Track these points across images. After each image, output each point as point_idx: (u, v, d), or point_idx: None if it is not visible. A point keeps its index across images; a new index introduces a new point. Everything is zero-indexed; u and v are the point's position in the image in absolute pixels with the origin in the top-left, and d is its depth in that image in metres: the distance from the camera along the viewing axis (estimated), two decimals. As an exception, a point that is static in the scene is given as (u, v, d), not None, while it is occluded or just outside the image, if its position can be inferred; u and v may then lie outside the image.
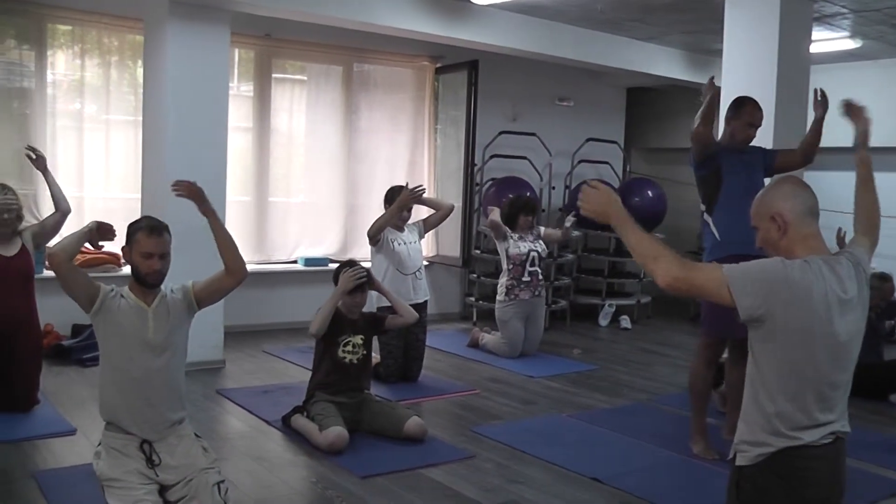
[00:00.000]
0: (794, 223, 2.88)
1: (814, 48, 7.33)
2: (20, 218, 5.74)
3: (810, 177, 3.76)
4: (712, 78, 5.32)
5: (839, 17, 7.73)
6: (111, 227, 4.15)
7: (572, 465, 5.08)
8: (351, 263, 5.75)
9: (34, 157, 6.09)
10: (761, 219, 2.95)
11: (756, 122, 5.28)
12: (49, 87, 7.79)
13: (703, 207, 5.34)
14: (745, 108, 5.28)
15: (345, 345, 5.55)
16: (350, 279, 5.56)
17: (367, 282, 5.67)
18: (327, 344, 5.55)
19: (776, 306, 2.73)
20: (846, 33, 8.47)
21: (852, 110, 3.78)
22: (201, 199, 4.19)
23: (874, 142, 3.55)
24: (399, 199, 6.94)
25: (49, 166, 7.32)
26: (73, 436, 5.28)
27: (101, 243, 4.19)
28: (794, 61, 6.66)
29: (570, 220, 8.27)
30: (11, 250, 5.63)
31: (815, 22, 7.38)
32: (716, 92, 5.15)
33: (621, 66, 9.65)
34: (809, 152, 5.44)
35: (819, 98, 5.33)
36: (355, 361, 5.57)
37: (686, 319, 10.52)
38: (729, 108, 5.37)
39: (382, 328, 5.97)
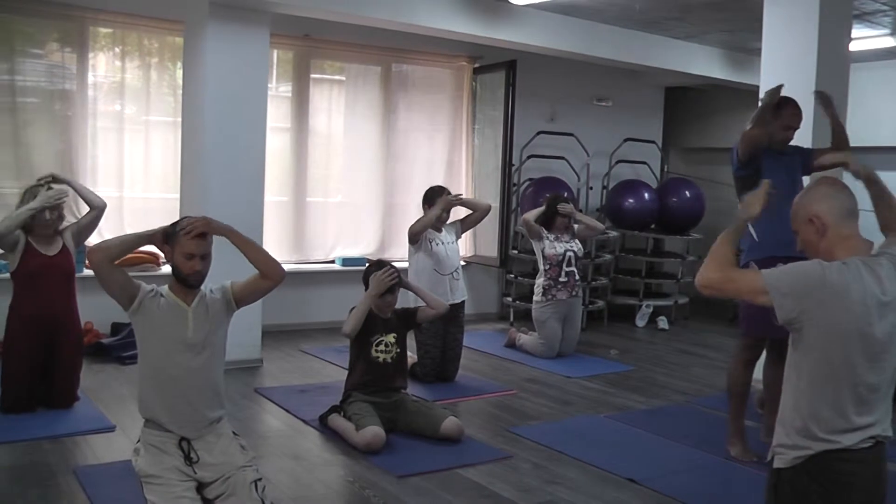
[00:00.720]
0: (832, 225, 2.86)
1: (853, 46, 7.26)
2: (62, 217, 5.80)
3: (848, 177, 3.71)
4: (782, 86, 5.22)
5: (879, 14, 7.65)
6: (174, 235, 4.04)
7: (609, 465, 5.07)
8: (380, 264, 5.75)
9: (44, 184, 5.94)
10: (800, 222, 2.94)
11: (794, 125, 5.24)
12: (90, 89, 7.86)
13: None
14: (786, 111, 5.22)
15: (377, 344, 5.56)
16: (382, 282, 5.56)
17: (398, 282, 5.68)
18: (360, 344, 5.57)
19: (814, 308, 2.72)
20: (887, 31, 8.38)
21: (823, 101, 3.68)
22: (209, 227, 4.02)
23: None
24: (440, 202, 6.95)
25: (89, 167, 7.45)
26: (112, 432, 5.35)
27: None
28: (833, 59, 6.60)
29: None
30: (53, 249, 5.69)
31: (855, 19, 7.32)
32: (777, 98, 5.10)
33: (659, 66, 9.60)
34: (840, 149, 5.33)
35: (821, 101, 5.23)
36: (389, 360, 5.58)
37: (724, 320, 10.45)
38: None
39: (415, 322, 5.98)
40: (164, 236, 4.04)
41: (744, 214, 3.06)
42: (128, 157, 8.10)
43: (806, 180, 5.39)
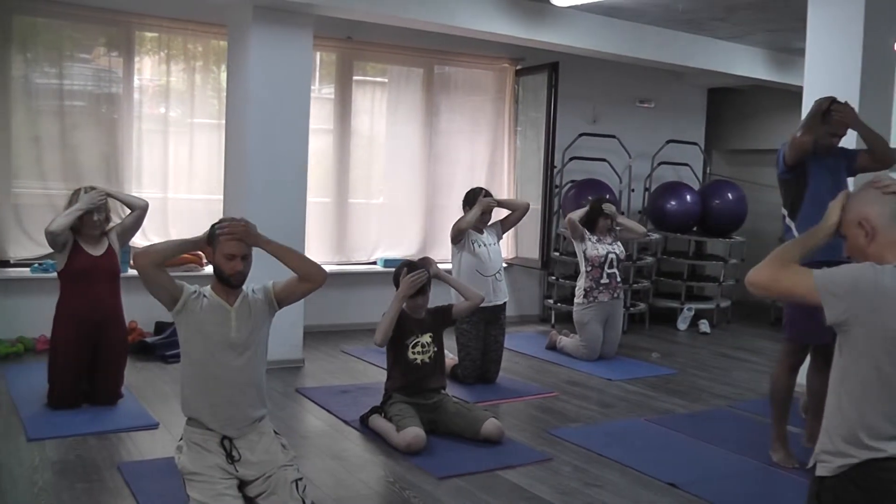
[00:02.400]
0: (881, 228, 2.83)
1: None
2: (108, 219, 5.89)
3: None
4: (833, 98, 5.14)
5: (927, 14, 7.56)
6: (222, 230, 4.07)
7: (650, 469, 5.05)
8: (410, 265, 5.73)
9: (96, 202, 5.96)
10: (849, 226, 2.91)
11: (840, 133, 5.15)
12: (136, 92, 7.96)
13: (784, 211, 5.25)
14: (833, 117, 5.14)
15: (413, 346, 5.57)
16: (411, 285, 5.55)
17: (428, 284, 5.68)
18: (396, 347, 5.58)
19: (864, 311, 2.69)
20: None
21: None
22: (248, 236, 4.06)
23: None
24: (480, 203, 6.99)
25: (134, 168, 7.56)
26: (155, 429, 5.41)
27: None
28: (879, 59, 6.53)
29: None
30: (99, 250, 5.77)
31: (901, 19, 7.24)
32: (829, 104, 5.04)
33: (702, 66, 9.55)
34: (876, 154, 5.22)
35: (838, 114, 5.13)
36: (427, 360, 5.59)
37: (766, 324, 10.37)
38: (817, 107, 5.24)
39: (451, 319, 5.97)
40: (209, 239, 4.08)
41: (826, 223, 2.99)
42: (172, 159, 8.18)
43: (850, 182, 5.36)
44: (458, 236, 6.97)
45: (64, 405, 5.66)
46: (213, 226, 4.10)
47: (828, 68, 6.56)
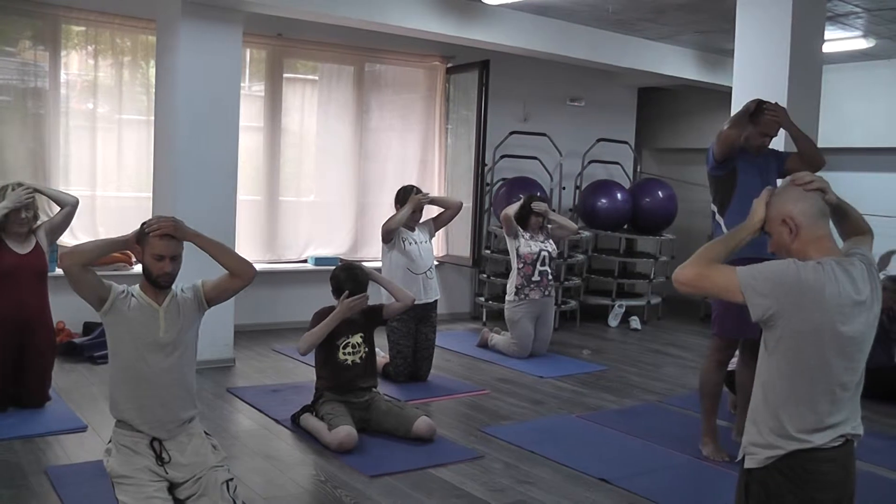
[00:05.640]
0: (805, 226, 2.87)
1: (826, 48, 7.30)
2: (36, 216, 5.78)
3: (826, 177, 3.71)
4: (760, 101, 5.21)
5: (852, 16, 7.70)
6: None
7: (581, 465, 5.08)
8: (350, 276, 5.66)
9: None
10: (773, 222, 2.95)
11: (771, 133, 5.22)
12: (63, 87, 7.82)
13: (714, 208, 5.32)
14: (764, 118, 5.20)
15: (344, 346, 5.56)
16: (350, 308, 5.51)
17: (365, 286, 5.66)
18: (326, 348, 5.55)
19: (788, 307, 2.73)
20: (859, 32, 8.44)
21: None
22: (177, 231, 3.99)
23: (886, 142, 3.48)
24: (411, 200, 6.97)
25: (62, 165, 7.42)
26: (84, 432, 5.32)
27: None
28: (806, 61, 6.63)
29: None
30: (26, 248, 5.66)
31: (828, 21, 7.36)
32: (757, 104, 5.11)
33: (632, 66, 9.63)
34: (807, 160, 5.29)
35: (771, 117, 5.21)
36: (357, 361, 5.57)
37: (696, 320, 10.51)
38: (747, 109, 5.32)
39: (381, 319, 5.96)
40: (138, 238, 4.02)
41: (751, 221, 3.01)
42: (100, 156, 8.06)
43: (779, 183, 5.43)
44: (389, 235, 6.96)
45: (-11, 408, 5.54)
46: (142, 225, 4.04)
47: (756, 69, 6.64)
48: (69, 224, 6.08)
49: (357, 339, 5.61)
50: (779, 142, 5.74)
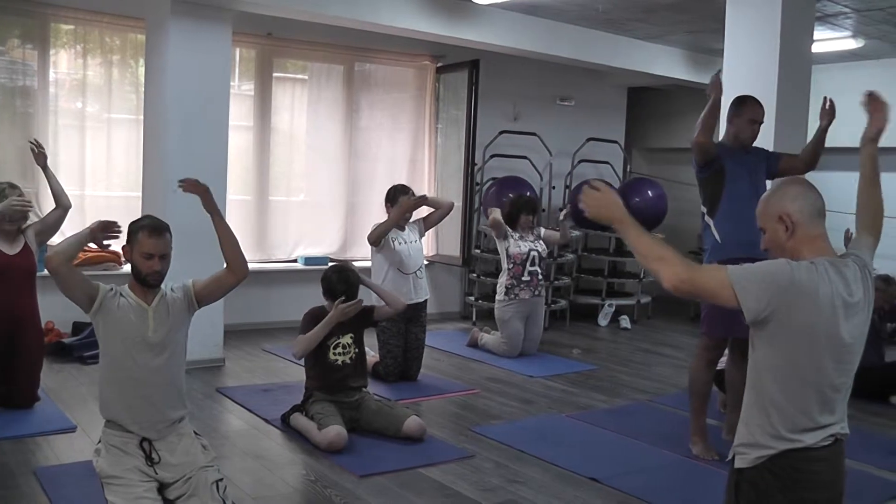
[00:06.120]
0: (802, 224, 2.86)
1: (815, 48, 7.32)
2: (26, 217, 5.76)
3: (814, 177, 3.73)
4: (719, 72, 5.28)
5: (841, 16, 7.72)
6: (113, 223, 4.05)
7: (571, 465, 5.08)
8: (342, 278, 5.66)
9: (37, 151, 6.07)
10: (769, 220, 2.93)
11: (758, 119, 5.28)
12: (52, 86, 7.80)
13: (704, 209, 5.33)
14: (746, 106, 5.27)
15: (335, 347, 5.55)
16: (342, 313, 5.49)
17: (356, 290, 5.65)
18: (317, 348, 5.53)
19: (781, 307, 2.72)
20: (848, 33, 8.47)
21: (874, 103, 3.60)
22: (207, 196, 4.14)
23: (879, 143, 3.48)
24: (402, 205, 6.94)
25: (51, 164, 7.35)
26: (73, 433, 5.31)
27: (106, 242, 4.09)
28: (795, 61, 6.65)
29: (563, 213, 8.31)
30: (15, 248, 5.65)
31: (818, 21, 7.38)
32: (718, 97, 5.12)
33: (622, 66, 9.65)
34: (812, 160, 5.41)
35: (827, 107, 5.32)
36: (348, 361, 5.57)
37: (686, 319, 10.52)
38: (730, 108, 5.36)
39: (371, 321, 5.95)
40: (102, 227, 4.00)
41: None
42: (89, 155, 8.04)
43: (768, 184, 5.45)
44: (378, 241, 6.92)
45: (-23, 409, 5.52)
46: (133, 222, 4.04)
47: (746, 69, 6.65)
48: (60, 227, 6.07)
49: (347, 339, 5.60)
50: (767, 142, 5.77)
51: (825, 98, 5.37)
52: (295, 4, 7.24)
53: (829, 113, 5.30)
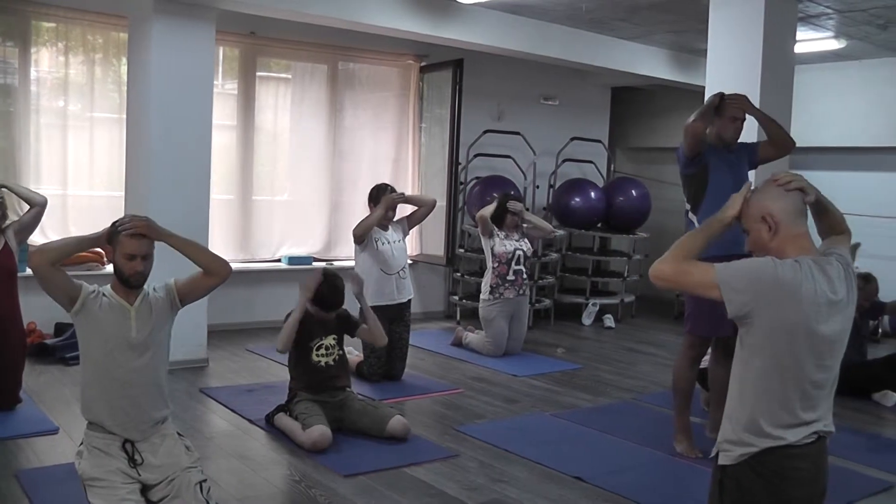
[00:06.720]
0: (784, 223, 2.88)
1: (798, 48, 7.35)
2: (5, 216, 5.71)
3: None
4: (722, 94, 5.28)
5: (824, 17, 7.75)
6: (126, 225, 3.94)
7: (556, 464, 5.09)
8: (331, 283, 5.63)
9: None
10: (752, 220, 2.95)
11: (739, 116, 5.30)
12: (33, 85, 7.76)
13: (687, 206, 5.35)
14: (727, 104, 5.30)
15: (318, 348, 5.55)
16: (308, 288, 5.53)
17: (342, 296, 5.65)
18: (300, 349, 5.55)
19: (765, 305, 2.73)
20: (831, 33, 8.50)
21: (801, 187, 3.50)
22: (151, 230, 3.96)
23: (858, 142, 3.51)
24: (384, 200, 6.94)
25: (32, 164, 7.34)
26: (55, 435, 5.27)
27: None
28: (778, 61, 6.68)
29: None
30: (-6, 248, 5.60)
31: (800, 22, 7.41)
32: (720, 97, 5.16)
33: (606, 66, 9.65)
34: (777, 142, 5.43)
35: (734, 103, 5.28)
36: (331, 363, 5.57)
37: (669, 318, 10.55)
38: None
39: (353, 333, 5.93)
40: (109, 237, 3.97)
41: (725, 213, 3.02)
42: (72, 154, 8.00)
43: (752, 175, 5.48)
44: (360, 238, 6.93)
45: (-42, 410, 5.49)
46: (114, 224, 4.00)
47: (729, 69, 6.68)
48: (38, 223, 6.02)
49: (330, 340, 5.60)
50: (751, 135, 5.79)
51: (721, 95, 5.32)
52: (279, 3, 7.22)
53: (736, 104, 5.27)
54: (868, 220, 8.97)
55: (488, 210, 8.18)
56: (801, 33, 7.73)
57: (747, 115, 5.35)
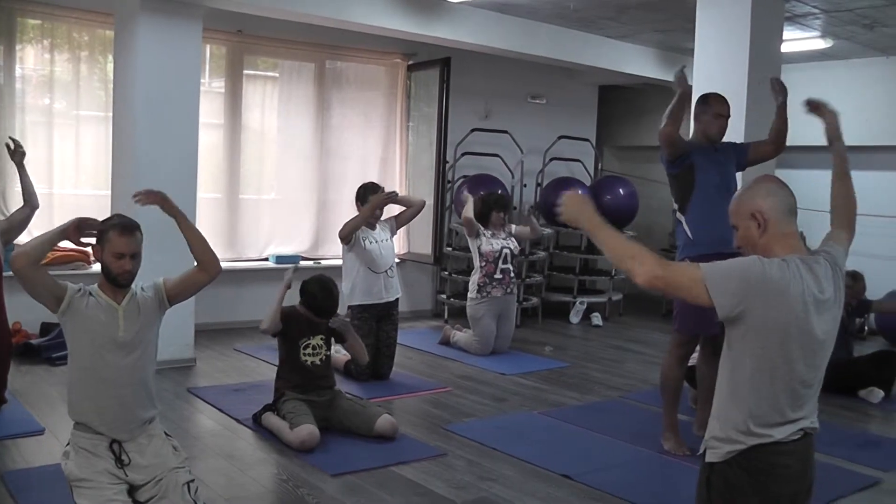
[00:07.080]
0: (774, 221, 2.88)
1: (785, 48, 7.36)
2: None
3: (783, 175, 3.75)
4: (683, 68, 5.29)
5: (810, 17, 7.77)
6: (89, 220, 3.94)
7: (543, 462, 5.09)
8: (322, 288, 5.65)
9: (13, 147, 5.96)
10: (741, 217, 2.94)
11: (724, 113, 5.31)
12: (18, 82, 7.72)
13: (675, 206, 5.35)
14: (711, 101, 5.32)
15: (305, 347, 5.54)
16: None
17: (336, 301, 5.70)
18: (287, 348, 5.55)
19: (753, 305, 2.73)
20: (817, 33, 8.53)
21: (815, 107, 3.74)
22: (166, 202, 4.09)
23: (847, 141, 3.53)
24: (372, 201, 6.93)
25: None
26: (41, 435, 5.25)
27: (85, 240, 3.97)
28: (765, 60, 6.69)
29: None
30: (-21, 247, 5.57)
31: (787, 21, 7.43)
32: (685, 91, 5.15)
33: (594, 64, 9.66)
34: (779, 140, 5.44)
35: (776, 87, 5.31)
36: (318, 363, 5.57)
37: (657, 316, 10.57)
38: (695, 106, 5.43)
39: (339, 341, 5.92)
40: (77, 229, 3.92)
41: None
42: (58, 153, 7.96)
43: (738, 176, 5.48)
44: (348, 237, 6.93)
45: (-57, 411, 5.45)
46: (103, 221, 3.98)
47: (716, 68, 6.70)
48: (26, 227, 6.00)
49: (318, 340, 5.59)
50: (737, 135, 5.80)
51: (771, 79, 5.36)
52: (266, 2, 7.21)
53: (780, 90, 5.28)
54: (874, 220, 9.01)
55: (471, 210, 8.17)
56: (788, 33, 7.74)
57: (730, 113, 5.36)
